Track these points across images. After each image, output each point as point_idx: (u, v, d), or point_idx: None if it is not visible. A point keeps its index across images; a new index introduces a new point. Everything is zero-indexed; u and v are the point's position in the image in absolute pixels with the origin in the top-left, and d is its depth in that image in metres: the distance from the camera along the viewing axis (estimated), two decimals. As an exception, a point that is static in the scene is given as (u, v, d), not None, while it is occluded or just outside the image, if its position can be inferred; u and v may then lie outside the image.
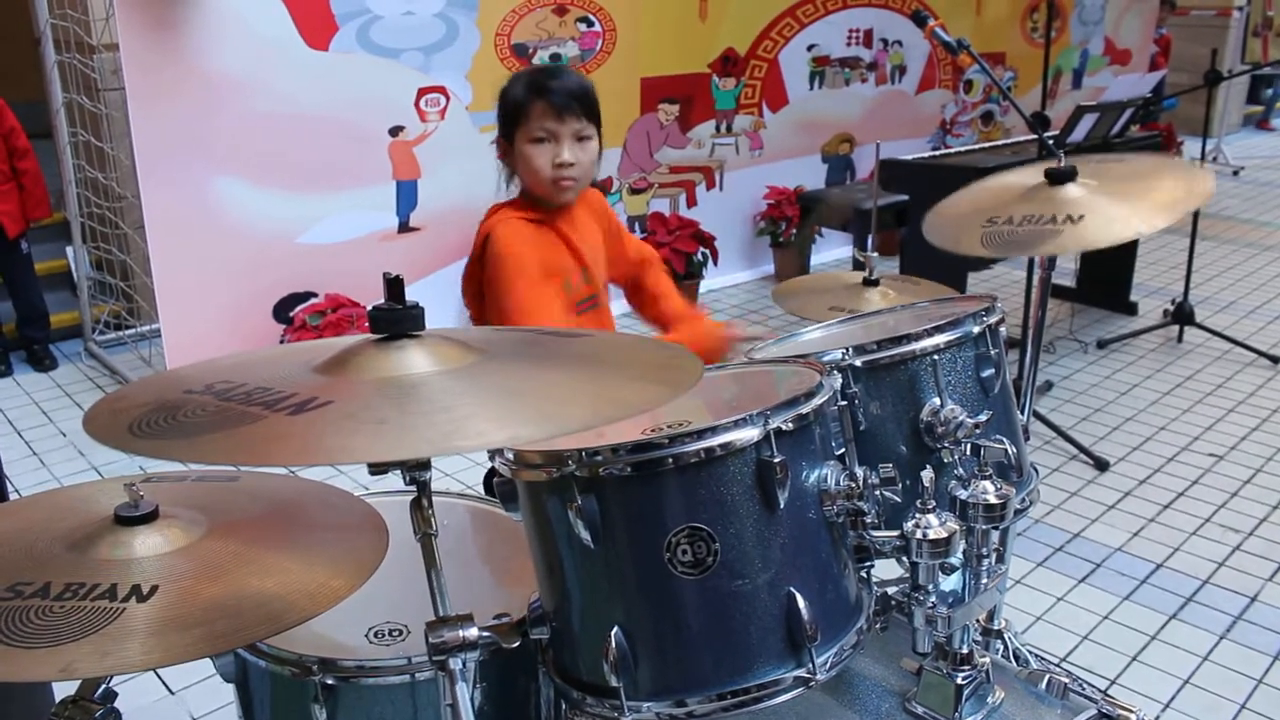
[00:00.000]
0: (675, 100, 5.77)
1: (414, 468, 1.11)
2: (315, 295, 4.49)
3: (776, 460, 1.13)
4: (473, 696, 1.31)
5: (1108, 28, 8.38)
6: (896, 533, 1.23)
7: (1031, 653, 1.91)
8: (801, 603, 1.14)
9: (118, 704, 1.22)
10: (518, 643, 1.20)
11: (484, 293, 1.97)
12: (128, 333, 5.11)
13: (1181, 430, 4.11)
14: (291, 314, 4.43)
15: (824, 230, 6.24)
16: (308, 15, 4.30)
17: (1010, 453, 1.38)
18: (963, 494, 1.28)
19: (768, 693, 1.14)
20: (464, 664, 1.10)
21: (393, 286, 1.06)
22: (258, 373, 1.07)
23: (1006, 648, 1.81)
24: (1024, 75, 7.61)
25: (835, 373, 1.34)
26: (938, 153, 5.72)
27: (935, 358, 1.44)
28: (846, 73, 6.55)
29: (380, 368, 1.03)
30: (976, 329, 1.49)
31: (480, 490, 2.30)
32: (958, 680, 1.32)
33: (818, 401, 1.21)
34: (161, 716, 2.54)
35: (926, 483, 1.23)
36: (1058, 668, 1.50)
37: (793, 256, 6.17)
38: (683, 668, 1.14)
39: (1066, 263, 5.57)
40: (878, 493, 1.24)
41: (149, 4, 3.88)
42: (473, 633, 1.09)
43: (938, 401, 1.43)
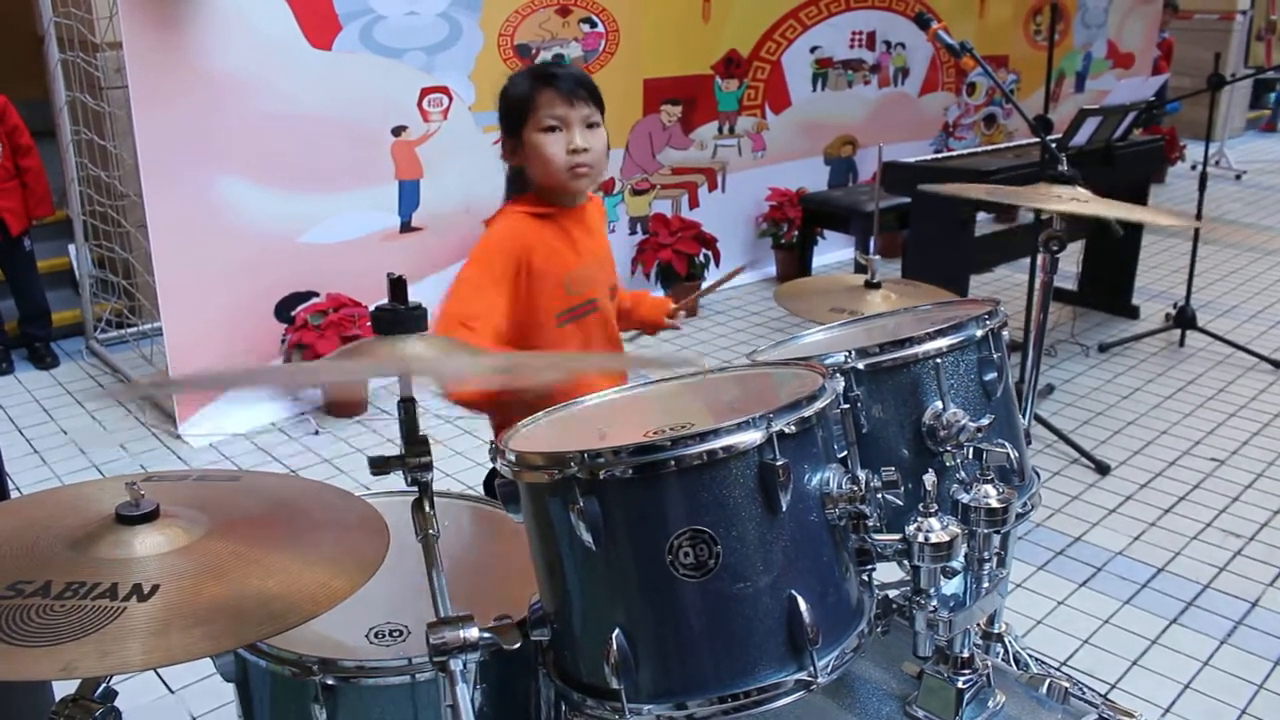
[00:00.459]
0: (678, 101, 5.77)
1: (415, 468, 1.11)
2: (317, 295, 4.48)
3: (779, 463, 1.13)
4: (473, 698, 1.31)
5: (1111, 31, 8.37)
6: (898, 536, 1.23)
7: (1032, 657, 1.91)
8: (803, 606, 1.14)
9: (117, 703, 1.22)
10: (519, 644, 1.20)
11: None
12: (129, 331, 5.11)
13: (1183, 434, 4.11)
14: (293, 313, 4.43)
15: (825, 232, 6.24)
16: (311, 15, 4.29)
17: (1012, 456, 1.38)
18: (965, 498, 1.28)
19: (769, 696, 1.14)
20: (464, 665, 1.10)
21: (396, 287, 1.06)
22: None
23: (1007, 651, 1.81)
24: (1027, 78, 7.60)
25: (838, 376, 1.33)
26: (940, 155, 5.73)
27: (938, 361, 1.44)
28: (849, 75, 6.55)
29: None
30: (979, 332, 1.49)
31: (481, 491, 2.30)
32: (959, 684, 1.32)
33: (820, 404, 1.21)
34: (161, 716, 2.53)
35: (928, 486, 1.23)
36: (1058, 672, 1.50)
37: (794, 258, 6.17)
38: (684, 670, 1.14)
39: (1068, 266, 5.56)
40: (880, 496, 1.24)
41: (152, 3, 3.88)
42: (473, 634, 1.09)
43: (940, 405, 1.43)
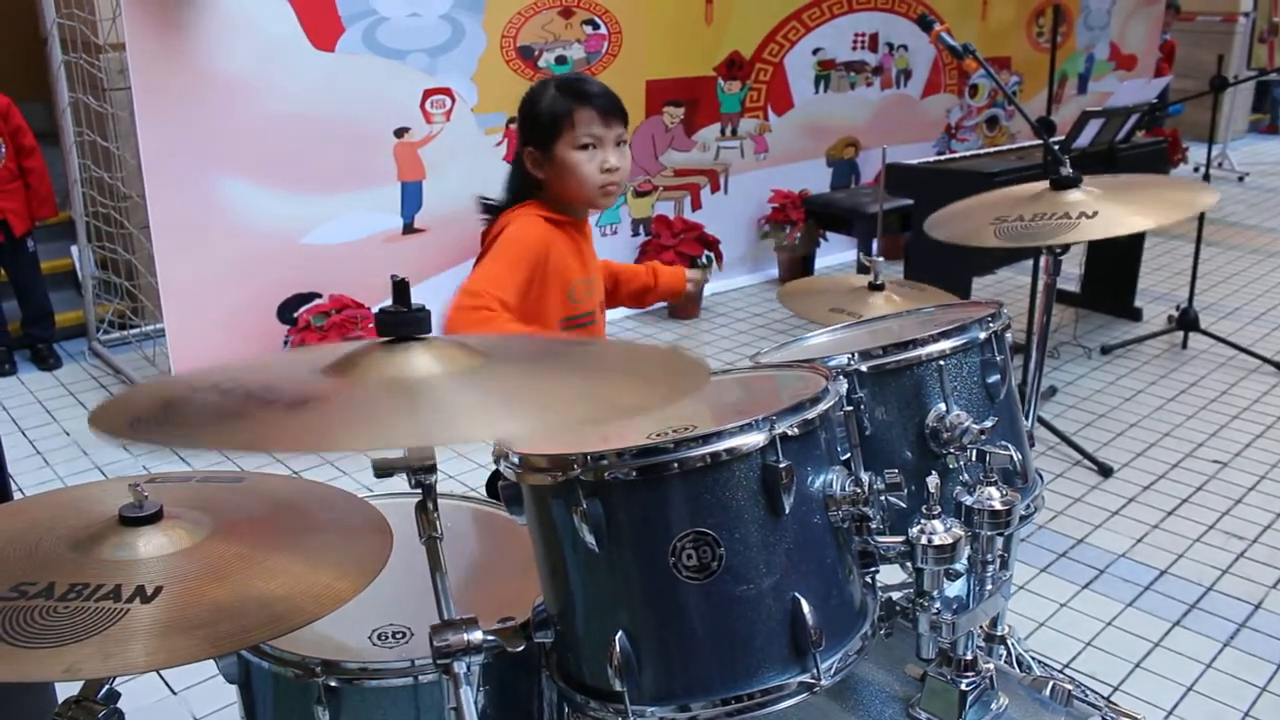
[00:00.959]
0: (680, 103, 5.77)
1: (419, 470, 1.11)
2: (319, 296, 4.49)
3: (782, 465, 1.13)
4: (476, 699, 1.31)
5: (1113, 33, 8.37)
6: (902, 538, 1.23)
7: (1035, 659, 1.91)
8: (806, 608, 1.14)
9: (120, 704, 1.22)
10: (522, 647, 1.20)
11: None
12: (132, 332, 5.11)
13: (1185, 437, 4.10)
14: (296, 315, 4.43)
15: (827, 234, 6.24)
16: (314, 16, 4.30)
17: (1015, 458, 1.38)
18: (968, 500, 1.28)
19: (772, 698, 1.14)
20: (468, 667, 1.10)
21: (400, 289, 1.06)
22: (262, 375, 1.08)
23: (1010, 654, 1.81)
24: (1029, 80, 7.60)
25: (841, 378, 1.33)
26: (943, 157, 5.72)
27: (941, 363, 1.44)
28: (852, 76, 6.55)
29: (384, 370, 1.03)
30: (982, 335, 1.49)
31: (483, 493, 2.30)
32: (962, 686, 1.32)
33: (823, 407, 1.21)
34: (164, 717, 2.53)
35: (932, 488, 1.23)
36: (1061, 674, 1.50)
37: (797, 260, 6.17)
38: (687, 672, 1.14)
39: (1071, 268, 5.56)
40: (883, 498, 1.24)
41: (156, 4, 3.88)
42: (477, 636, 1.09)
43: (943, 407, 1.43)
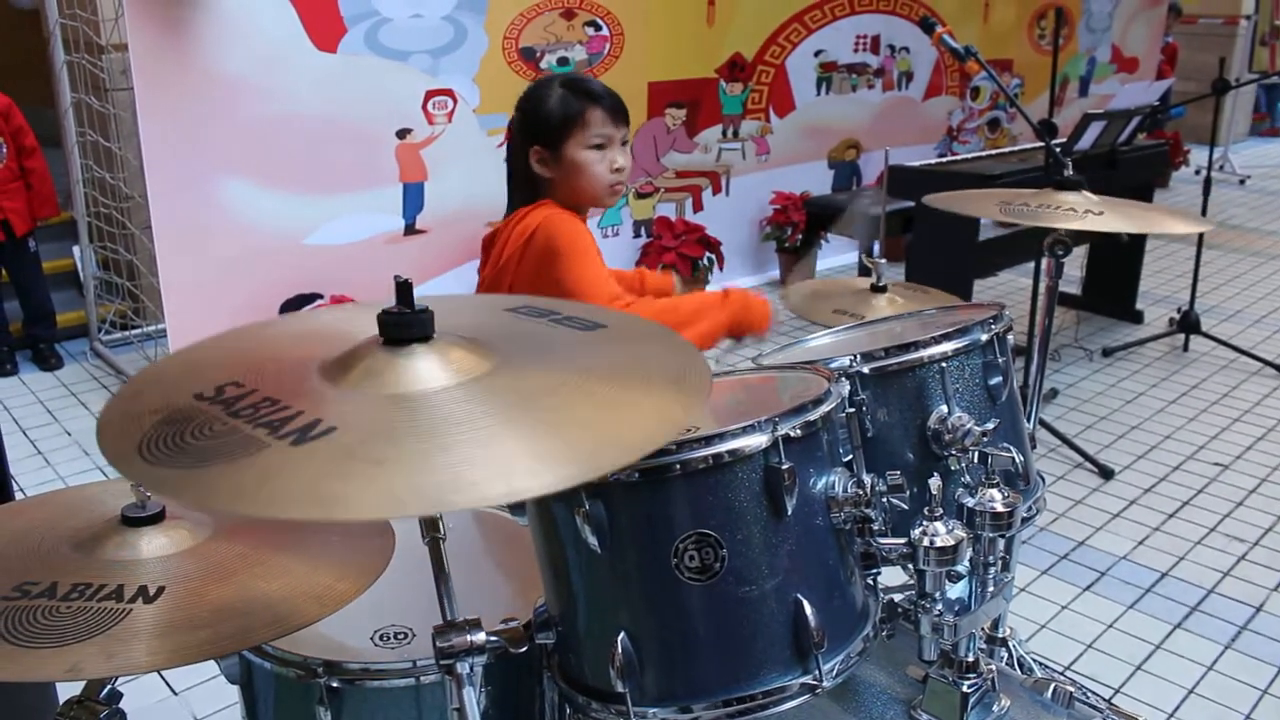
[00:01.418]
0: (682, 105, 5.78)
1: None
2: (321, 297, 4.49)
3: (784, 467, 1.13)
4: (478, 700, 1.31)
5: (1115, 35, 8.37)
6: (904, 540, 1.23)
7: (1036, 661, 1.91)
8: (808, 609, 1.14)
9: (122, 705, 1.22)
10: (525, 648, 1.20)
11: (534, 285, 1.92)
12: (133, 332, 5.11)
13: (1186, 439, 4.10)
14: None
15: (829, 236, 6.24)
16: (316, 17, 4.30)
17: (1017, 461, 1.38)
18: (970, 501, 1.28)
19: (774, 699, 1.14)
20: (471, 668, 1.10)
21: (402, 290, 1.05)
22: (266, 371, 1.06)
23: (1011, 656, 1.81)
24: (1031, 82, 7.61)
25: (843, 379, 1.33)
26: (944, 159, 5.72)
27: (943, 365, 1.44)
28: (854, 79, 6.55)
29: (385, 380, 0.99)
30: (984, 337, 1.49)
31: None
32: (963, 688, 1.31)
33: (826, 408, 1.21)
34: (166, 718, 2.53)
35: (934, 490, 1.22)
36: (1062, 676, 1.50)
37: (798, 262, 6.17)
38: (689, 674, 1.14)
39: (1072, 271, 5.56)
40: (885, 500, 1.23)
41: (158, 5, 3.89)
42: (480, 637, 1.09)
43: (945, 409, 1.43)
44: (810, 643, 1.14)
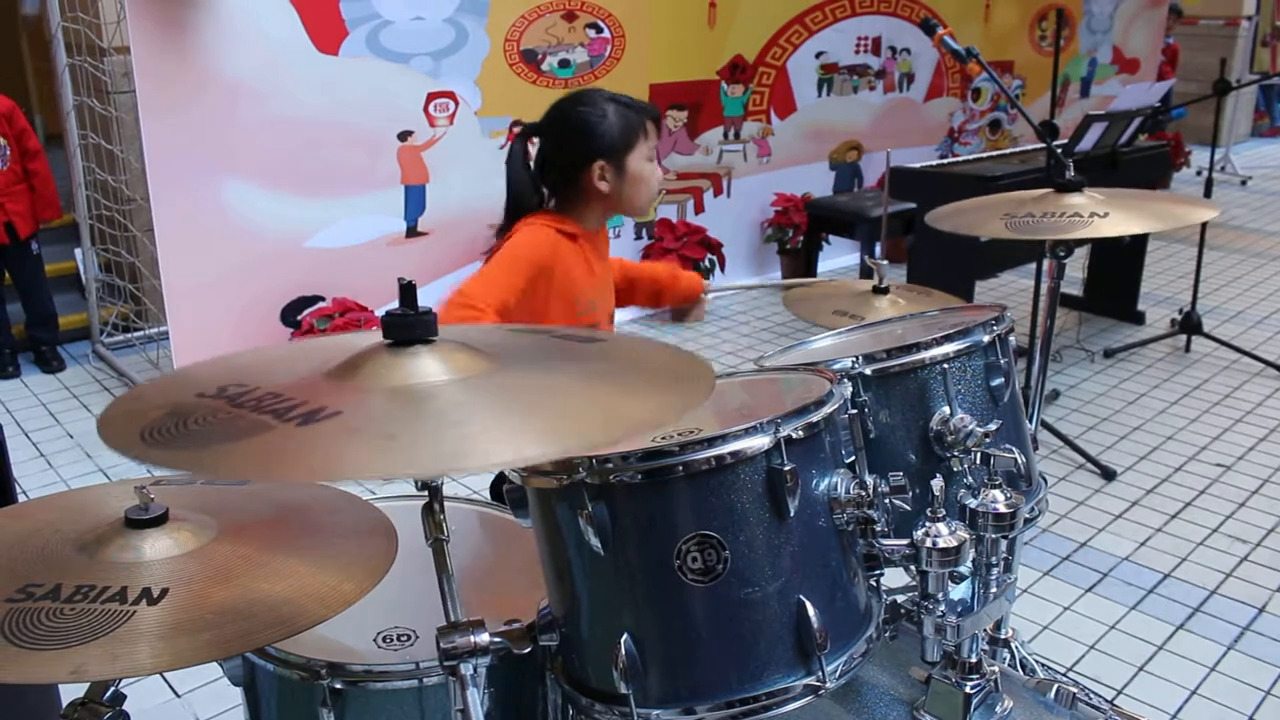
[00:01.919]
0: (683, 107, 5.78)
1: (425, 473, 1.11)
2: (323, 299, 4.49)
3: (787, 468, 1.13)
4: (481, 702, 1.31)
5: (1116, 36, 8.38)
6: (906, 541, 1.23)
7: (1039, 662, 1.91)
8: (811, 611, 1.14)
9: (125, 706, 1.22)
10: (529, 649, 1.20)
11: None
12: (135, 335, 5.12)
13: (1188, 440, 4.10)
14: (299, 317, 4.44)
15: (830, 237, 6.25)
16: (318, 20, 4.31)
17: (1019, 462, 1.38)
18: (972, 503, 1.28)
19: (777, 701, 1.14)
20: (475, 669, 1.10)
21: (406, 292, 1.06)
22: (270, 376, 1.07)
23: (1014, 657, 1.81)
24: (1032, 83, 7.61)
25: (845, 381, 1.33)
26: (945, 161, 5.72)
27: (945, 366, 1.44)
28: (855, 80, 6.55)
29: (391, 376, 1.01)
30: (986, 338, 1.49)
31: (488, 496, 2.30)
32: (966, 689, 1.31)
33: (828, 409, 1.21)
34: (167, 719, 2.54)
35: (936, 491, 1.23)
36: (1065, 677, 1.50)
37: (799, 263, 6.17)
38: (692, 675, 1.14)
39: (1074, 272, 5.56)
40: (887, 501, 1.24)
41: (160, 7, 3.89)
42: (484, 638, 1.09)
43: (947, 410, 1.43)
44: (813, 644, 1.14)
